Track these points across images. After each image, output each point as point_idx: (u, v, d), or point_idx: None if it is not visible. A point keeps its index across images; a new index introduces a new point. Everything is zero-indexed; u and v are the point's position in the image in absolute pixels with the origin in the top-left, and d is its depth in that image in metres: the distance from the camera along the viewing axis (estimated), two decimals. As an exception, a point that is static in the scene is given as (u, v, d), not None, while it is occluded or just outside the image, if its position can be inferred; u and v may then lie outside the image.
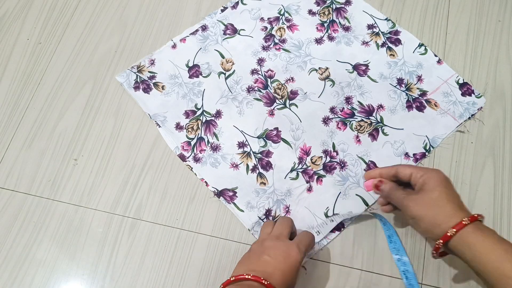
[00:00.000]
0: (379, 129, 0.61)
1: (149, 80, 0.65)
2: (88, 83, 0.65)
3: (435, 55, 0.65)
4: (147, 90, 0.64)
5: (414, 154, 0.59)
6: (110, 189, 0.59)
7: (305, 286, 0.53)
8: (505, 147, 0.60)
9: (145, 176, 0.59)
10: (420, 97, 0.63)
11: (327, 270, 0.54)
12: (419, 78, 0.64)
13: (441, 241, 0.45)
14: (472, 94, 0.63)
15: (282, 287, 0.44)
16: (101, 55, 0.67)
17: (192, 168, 0.60)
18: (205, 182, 0.59)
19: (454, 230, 0.44)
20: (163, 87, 0.64)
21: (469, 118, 0.61)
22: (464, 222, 0.43)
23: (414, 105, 0.62)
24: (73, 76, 0.66)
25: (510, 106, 0.62)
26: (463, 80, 0.63)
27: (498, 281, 0.42)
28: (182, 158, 0.60)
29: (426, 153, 0.59)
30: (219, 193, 0.58)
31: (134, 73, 0.65)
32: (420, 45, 0.66)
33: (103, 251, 0.56)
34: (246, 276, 0.44)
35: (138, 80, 0.65)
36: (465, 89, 0.63)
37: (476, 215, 0.45)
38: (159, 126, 0.62)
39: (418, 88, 0.63)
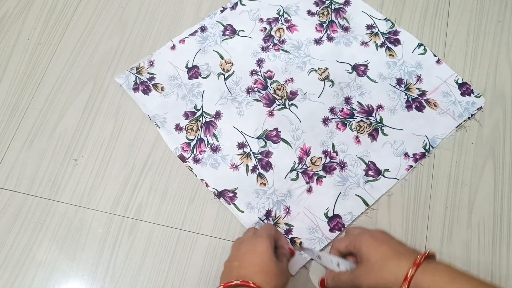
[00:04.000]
0: (379, 129, 0.61)
1: (148, 81, 0.65)
2: (88, 84, 0.65)
3: (434, 55, 0.65)
4: (146, 91, 0.64)
5: (414, 154, 0.59)
6: (110, 190, 0.59)
7: (306, 285, 0.53)
8: (505, 147, 0.60)
9: (145, 176, 0.59)
10: (419, 97, 0.63)
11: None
12: (419, 78, 0.64)
13: None
14: (472, 94, 0.63)
15: (264, 279, 0.44)
16: (101, 56, 0.67)
17: (192, 169, 0.60)
18: (205, 183, 0.59)
19: (406, 285, 0.42)
20: (162, 88, 0.64)
21: (469, 118, 0.61)
22: (410, 274, 0.42)
23: (413, 105, 0.62)
24: (73, 76, 0.66)
25: (510, 107, 0.62)
26: (462, 80, 0.64)
27: None
28: (182, 159, 0.60)
29: (426, 153, 0.59)
30: (219, 194, 0.58)
31: (133, 74, 0.65)
32: (419, 45, 0.66)
33: (103, 252, 0.56)
34: (234, 282, 0.44)
35: (137, 81, 0.65)
36: (464, 89, 0.63)
37: (418, 260, 0.43)
38: (159, 127, 0.62)
39: (417, 88, 0.63)
